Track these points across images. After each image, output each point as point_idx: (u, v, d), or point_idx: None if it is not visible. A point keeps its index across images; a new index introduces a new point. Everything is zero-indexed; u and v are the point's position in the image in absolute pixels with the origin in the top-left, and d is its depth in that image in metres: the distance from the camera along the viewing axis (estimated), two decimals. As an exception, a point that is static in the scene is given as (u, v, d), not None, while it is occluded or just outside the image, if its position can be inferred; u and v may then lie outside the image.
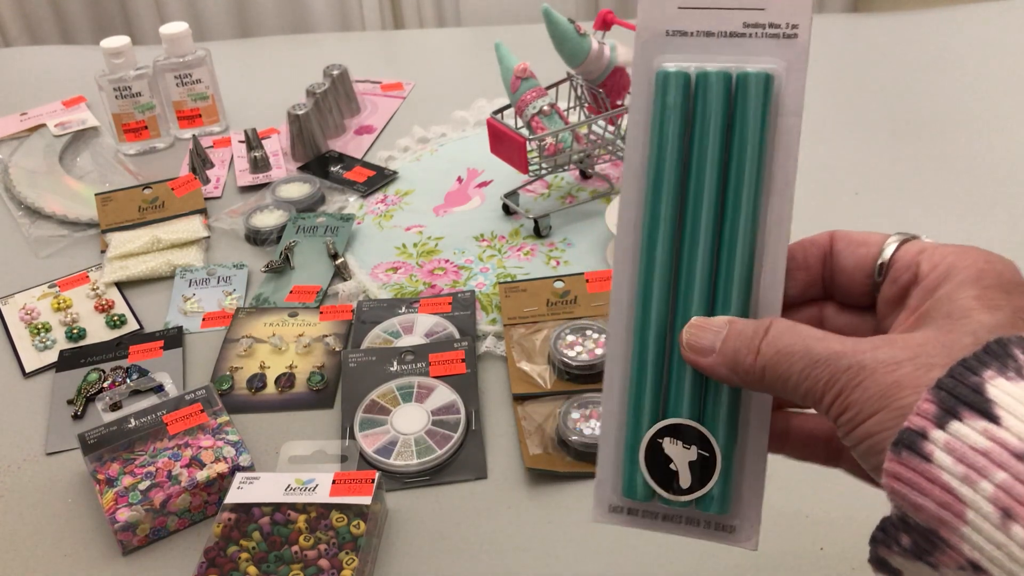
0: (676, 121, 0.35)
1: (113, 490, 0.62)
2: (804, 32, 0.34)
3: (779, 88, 0.35)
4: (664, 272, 0.36)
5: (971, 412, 0.27)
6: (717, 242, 0.36)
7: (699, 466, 0.35)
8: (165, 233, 0.93)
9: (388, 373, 0.72)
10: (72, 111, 1.22)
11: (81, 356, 0.79)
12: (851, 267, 0.36)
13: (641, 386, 0.36)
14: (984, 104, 1.07)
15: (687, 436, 0.35)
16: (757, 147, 0.35)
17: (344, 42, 1.50)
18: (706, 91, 0.35)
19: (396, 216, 0.96)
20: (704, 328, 0.35)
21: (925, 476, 0.27)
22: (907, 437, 0.27)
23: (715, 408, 0.36)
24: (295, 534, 0.57)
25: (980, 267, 0.32)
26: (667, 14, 0.35)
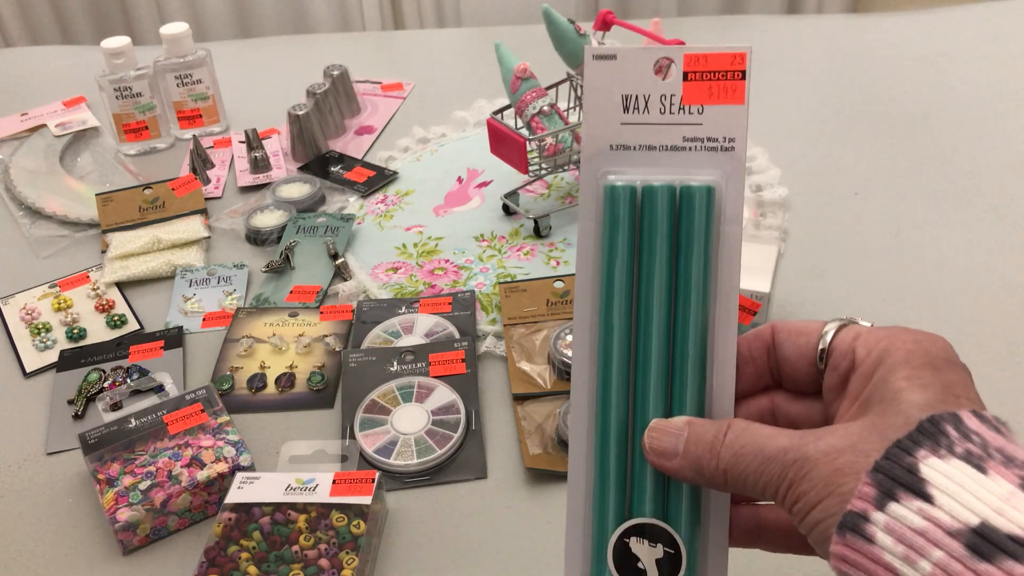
0: (625, 232, 0.37)
1: (113, 490, 0.62)
2: (740, 144, 0.36)
3: (720, 198, 0.37)
4: (621, 376, 0.37)
5: (907, 493, 0.28)
6: (671, 345, 0.37)
7: (666, 563, 0.36)
8: (165, 233, 0.93)
9: (388, 373, 0.72)
10: (73, 111, 1.22)
11: (81, 356, 0.79)
12: (794, 357, 0.37)
13: (605, 487, 0.37)
14: (984, 104, 1.07)
15: (653, 534, 0.36)
16: (703, 254, 0.37)
17: (344, 42, 1.50)
18: (652, 203, 0.37)
19: (396, 216, 0.96)
20: (664, 432, 0.36)
21: (869, 557, 0.28)
22: (850, 520, 0.29)
23: (677, 505, 0.37)
24: (295, 534, 0.57)
25: (909, 348, 0.33)
26: (610, 130, 0.37)
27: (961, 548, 0.27)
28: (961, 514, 0.27)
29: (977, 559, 0.26)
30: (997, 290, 0.78)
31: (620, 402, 0.37)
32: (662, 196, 0.37)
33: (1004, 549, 0.26)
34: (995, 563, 0.26)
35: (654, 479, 0.37)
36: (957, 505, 0.27)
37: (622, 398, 0.37)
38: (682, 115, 0.37)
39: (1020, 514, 0.27)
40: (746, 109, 0.36)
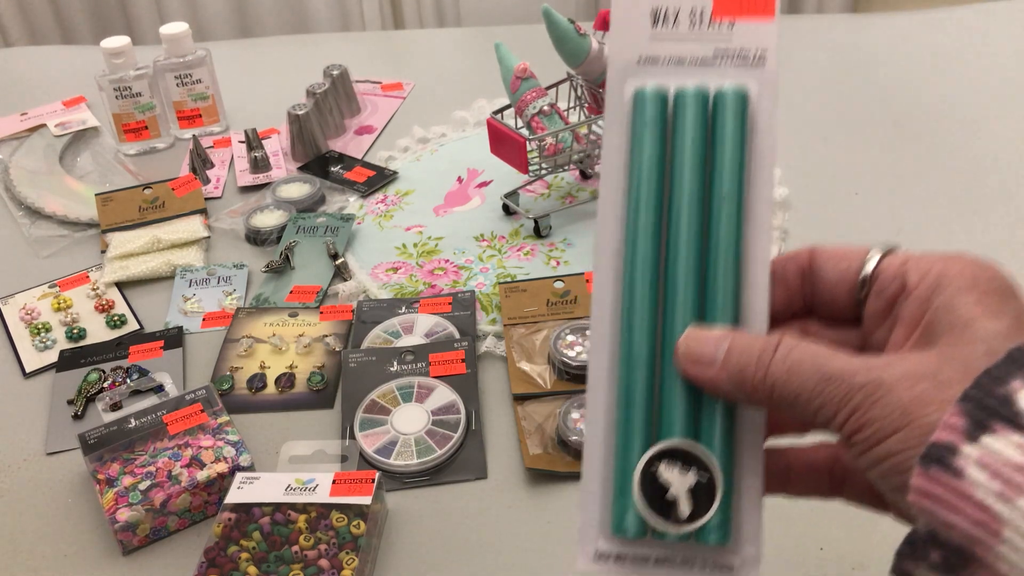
0: (655, 136, 0.36)
1: (113, 490, 0.62)
2: (772, 59, 0.36)
3: (752, 110, 0.36)
4: (649, 289, 0.35)
5: (1003, 424, 0.26)
6: (702, 257, 0.35)
7: (700, 492, 0.33)
8: (165, 233, 0.93)
9: (388, 373, 0.72)
10: (72, 111, 1.22)
11: (81, 356, 0.79)
12: (833, 282, 0.35)
13: (630, 409, 0.34)
14: (983, 104, 1.07)
15: (685, 460, 0.33)
16: (737, 161, 0.35)
17: (344, 42, 1.50)
18: (684, 107, 0.36)
19: (396, 216, 0.96)
20: (703, 338, 0.33)
21: (957, 493, 0.26)
22: (935, 452, 0.27)
23: (711, 428, 0.34)
24: (295, 534, 0.57)
25: (973, 273, 0.31)
26: (638, 43, 0.36)
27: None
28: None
29: None
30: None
31: (647, 317, 0.35)
32: (695, 99, 0.35)
33: None
34: None
35: (686, 398, 0.34)
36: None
37: (649, 313, 0.35)
38: (712, 29, 0.36)
39: None
40: (777, 24, 0.35)
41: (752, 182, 0.36)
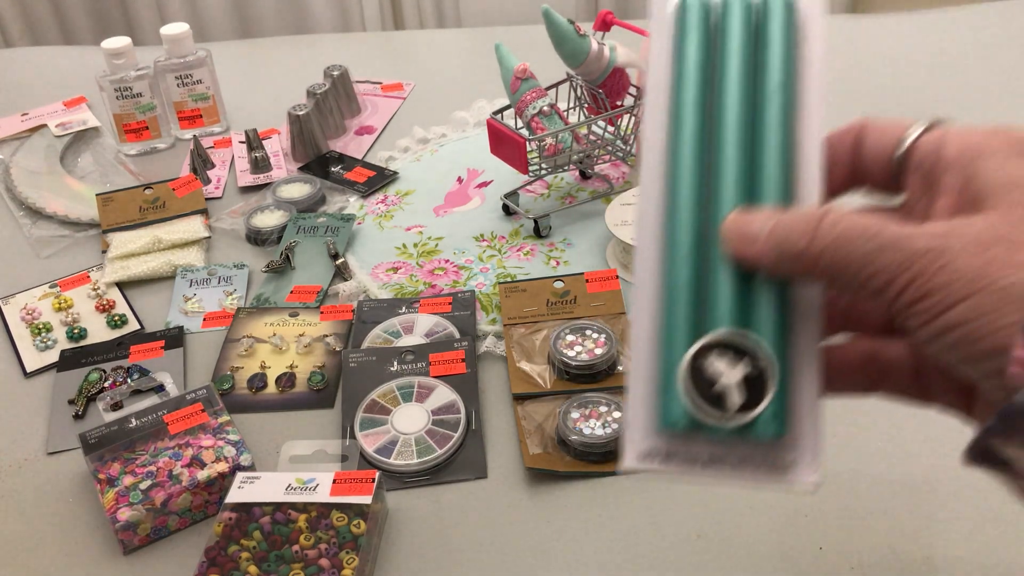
0: (701, 40, 0.35)
1: (114, 490, 0.62)
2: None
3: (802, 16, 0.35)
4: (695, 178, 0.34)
5: None
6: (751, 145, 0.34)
7: (751, 385, 0.31)
8: (166, 233, 0.93)
9: (388, 373, 0.72)
10: (73, 111, 1.22)
11: (82, 356, 0.79)
12: (875, 155, 0.34)
13: (676, 298, 0.33)
14: (984, 104, 1.07)
15: (734, 350, 0.31)
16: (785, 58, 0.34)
17: (344, 42, 1.51)
18: (728, 12, 0.35)
19: (396, 216, 0.96)
20: (748, 216, 0.32)
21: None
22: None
23: (761, 317, 0.32)
24: (296, 533, 0.57)
25: (1013, 138, 0.29)
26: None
27: None
28: None
29: None
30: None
31: (693, 208, 0.33)
32: (737, 5, 0.35)
33: None
34: None
35: (735, 287, 0.32)
36: None
37: (696, 204, 0.33)
38: None
39: None
40: None
41: (803, 80, 0.35)
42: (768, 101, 0.34)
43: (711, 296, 0.33)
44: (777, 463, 0.32)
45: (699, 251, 0.33)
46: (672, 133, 0.35)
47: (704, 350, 0.31)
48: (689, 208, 0.34)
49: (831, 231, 0.29)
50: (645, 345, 0.33)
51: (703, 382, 0.31)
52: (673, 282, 0.33)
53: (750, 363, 0.31)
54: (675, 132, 0.35)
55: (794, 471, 0.32)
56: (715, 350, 0.31)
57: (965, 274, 0.26)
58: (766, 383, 0.31)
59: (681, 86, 0.35)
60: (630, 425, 0.33)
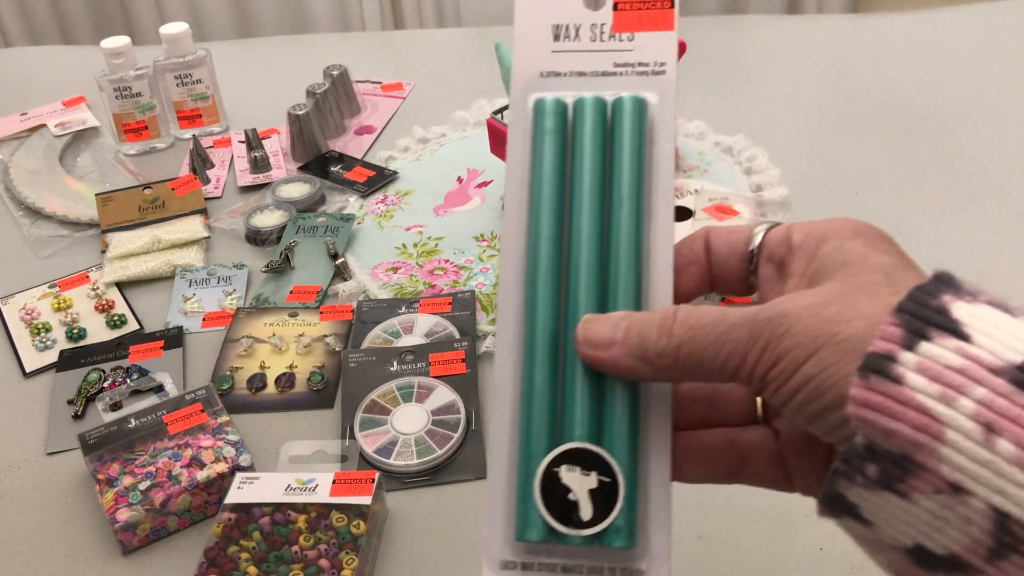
0: (555, 144, 0.36)
1: (113, 490, 0.62)
2: (671, 69, 0.36)
3: (652, 117, 0.36)
4: (550, 288, 0.35)
5: (940, 332, 0.26)
6: (603, 251, 0.35)
7: (600, 494, 0.32)
8: (165, 233, 0.93)
9: (388, 373, 0.72)
10: (72, 111, 1.22)
11: (81, 356, 0.79)
12: (725, 255, 0.36)
13: (532, 411, 0.34)
14: (983, 104, 1.07)
15: (586, 461, 0.32)
16: (636, 163, 0.36)
17: (344, 42, 1.50)
18: (583, 112, 0.36)
19: (396, 216, 0.96)
20: (600, 321, 0.33)
21: (897, 399, 0.26)
22: (874, 362, 0.26)
23: (611, 427, 0.33)
24: (295, 534, 0.57)
25: (856, 227, 0.32)
26: (541, 58, 0.37)
27: (1006, 384, 0.25)
28: (1002, 352, 0.25)
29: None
30: (998, 290, 0.78)
31: (549, 315, 0.34)
32: (593, 106, 0.36)
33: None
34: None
35: (587, 398, 0.33)
36: (997, 344, 0.26)
37: (551, 311, 0.34)
38: (613, 42, 0.37)
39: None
40: (675, 35, 0.36)
41: (653, 182, 0.36)
42: (619, 206, 0.35)
43: (566, 404, 0.34)
44: (630, 568, 0.33)
45: (555, 358, 0.34)
46: (530, 237, 0.35)
47: (557, 461, 0.32)
48: (545, 314, 0.34)
49: (684, 324, 0.31)
50: (504, 456, 0.34)
51: (557, 492, 0.32)
52: (530, 390, 0.34)
53: (601, 474, 0.32)
54: (532, 236, 0.35)
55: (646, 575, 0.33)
56: (567, 461, 0.32)
57: (807, 334, 0.28)
58: (616, 494, 0.32)
59: (537, 190, 0.36)
60: (489, 535, 0.34)
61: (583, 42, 0.37)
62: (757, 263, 0.35)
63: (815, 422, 0.29)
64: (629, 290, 0.34)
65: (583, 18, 0.37)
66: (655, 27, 0.36)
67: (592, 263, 0.35)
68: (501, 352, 0.35)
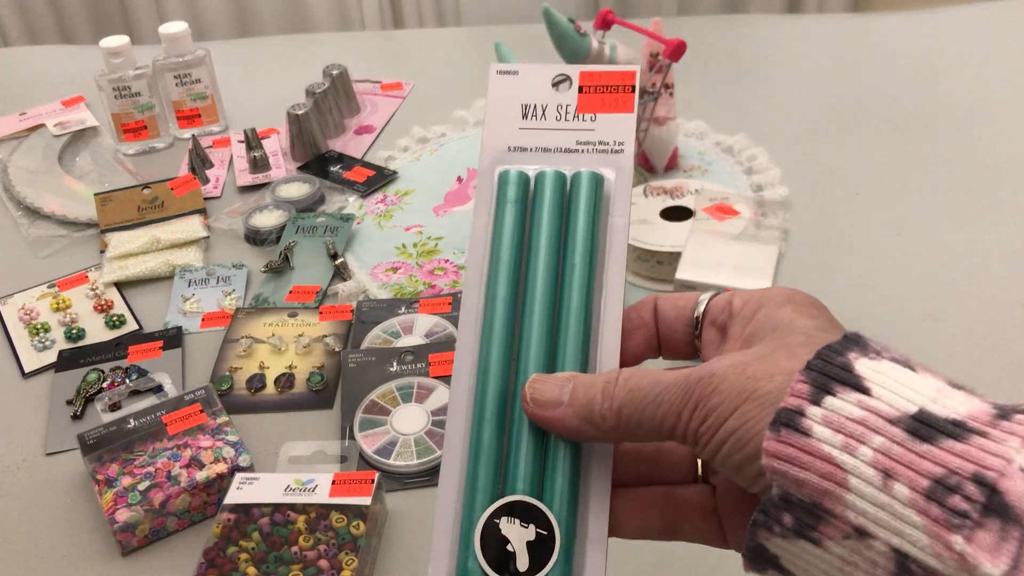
0: (515, 212, 0.38)
1: (112, 490, 0.62)
2: (629, 148, 0.39)
3: (609, 191, 0.39)
4: (502, 349, 0.37)
5: (844, 387, 0.28)
6: (555, 317, 0.37)
7: (538, 546, 0.34)
8: (164, 233, 0.93)
9: (388, 373, 0.72)
10: (71, 111, 1.22)
11: (80, 356, 0.79)
12: (672, 319, 0.38)
13: (478, 464, 0.35)
14: (984, 104, 1.07)
15: (525, 514, 0.34)
16: (589, 233, 0.38)
17: (344, 42, 1.50)
18: (543, 184, 0.39)
19: (396, 216, 0.95)
20: (547, 382, 0.35)
21: (805, 450, 0.28)
22: (784, 416, 0.28)
23: (552, 483, 0.35)
24: (295, 534, 0.57)
25: (789, 294, 0.34)
26: (509, 134, 0.39)
27: (902, 433, 0.27)
28: (899, 403, 0.28)
29: (918, 441, 0.27)
30: (998, 290, 0.78)
31: (500, 373, 0.36)
32: (553, 179, 0.38)
33: (943, 431, 0.27)
34: (936, 444, 0.26)
35: (531, 454, 0.35)
36: (894, 396, 0.28)
37: (503, 369, 0.36)
38: (576, 122, 0.39)
39: (954, 402, 0.28)
40: (634, 118, 0.39)
41: (606, 252, 0.38)
42: (571, 271, 0.37)
43: (511, 458, 0.35)
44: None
45: (503, 414, 0.36)
46: (487, 297, 0.38)
47: (498, 513, 0.34)
48: (496, 371, 0.36)
49: (624, 387, 0.33)
50: (450, 507, 0.36)
51: (496, 543, 0.34)
52: (478, 442, 0.36)
53: (539, 527, 0.34)
54: (489, 297, 0.38)
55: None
56: (507, 514, 0.34)
57: (732, 390, 0.30)
58: (553, 547, 0.34)
59: (497, 253, 0.38)
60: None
61: (549, 120, 0.39)
62: (701, 328, 0.37)
63: (740, 473, 0.30)
64: (577, 352, 0.36)
65: (550, 99, 0.40)
66: (616, 109, 0.39)
67: (543, 325, 0.37)
68: (454, 404, 0.37)
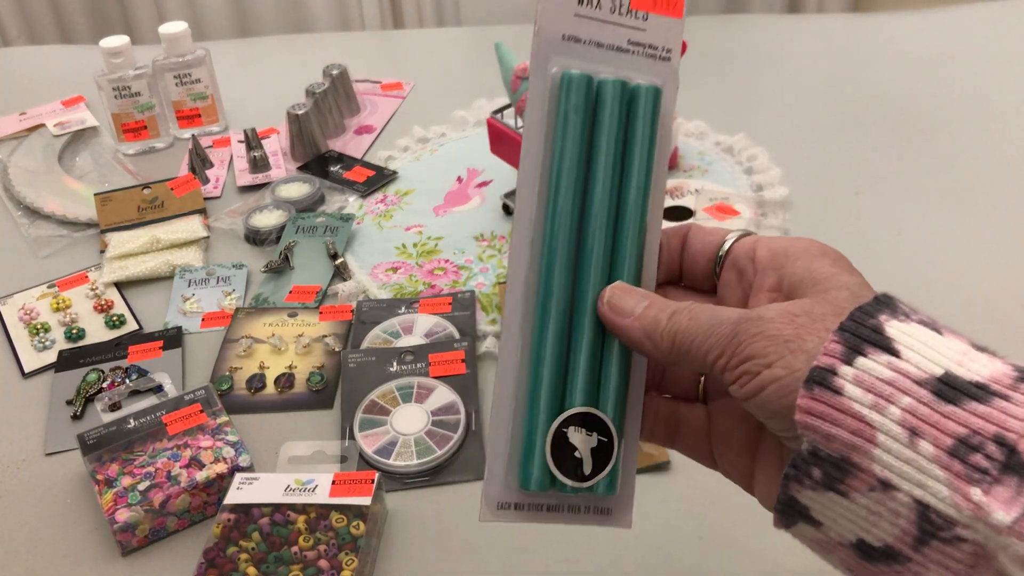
0: (579, 121, 0.38)
1: (112, 490, 0.62)
2: (675, 57, 0.40)
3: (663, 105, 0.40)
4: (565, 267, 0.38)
5: (874, 348, 0.30)
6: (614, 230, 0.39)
7: (600, 452, 0.38)
8: (164, 233, 0.93)
9: (388, 373, 0.72)
10: (71, 111, 1.22)
11: (80, 356, 0.79)
12: (696, 253, 0.40)
13: (539, 376, 0.38)
14: (984, 104, 1.07)
15: (589, 423, 0.37)
16: (647, 148, 0.39)
17: (344, 42, 1.50)
18: (604, 95, 0.39)
19: (396, 216, 0.95)
20: (628, 292, 0.37)
21: (837, 408, 0.30)
22: (818, 374, 0.30)
23: (608, 393, 0.38)
24: (295, 535, 0.57)
25: (819, 246, 0.36)
26: (565, 20, 0.39)
27: (928, 394, 0.29)
28: (926, 366, 0.29)
29: (943, 402, 0.28)
30: (998, 290, 0.78)
31: (563, 293, 0.38)
32: (614, 90, 0.39)
33: (967, 393, 0.28)
34: (960, 405, 0.28)
35: (588, 366, 0.38)
36: (922, 358, 0.29)
37: (565, 289, 0.38)
38: (629, 18, 0.39)
39: (978, 365, 0.29)
40: (682, 23, 0.40)
41: (656, 169, 0.40)
42: (630, 190, 0.39)
43: (571, 371, 0.38)
44: (600, 507, 0.39)
45: (565, 324, 0.38)
46: (548, 207, 0.38)
47: (565, 422, 0.37)
48: (560, 291, 0.38)
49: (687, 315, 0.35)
50: (506, 414, 0.38)
51: (564, 447, 0.37)
52: (539, 351, 0.38)
53: (600, 435, 0.38)
54: (551, 207, 0.38)
55: (615, 514, 0.39)
56: (574, 423, 0.37)
57: (777, 340, 0.32)
58: (611, 451, 0.38)
59: (558, 162, 0.38)
60: (489, 482, 0.38)
61: (604, 11, 0.39)
62: (722, 267, 0.39)
63: (775, 418, 0.32)
64: (632, 267, 0.39)
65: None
66: (667, 11, 0.39)
67: (603, 240, 0.38)
68: (509, 316, 0.38)
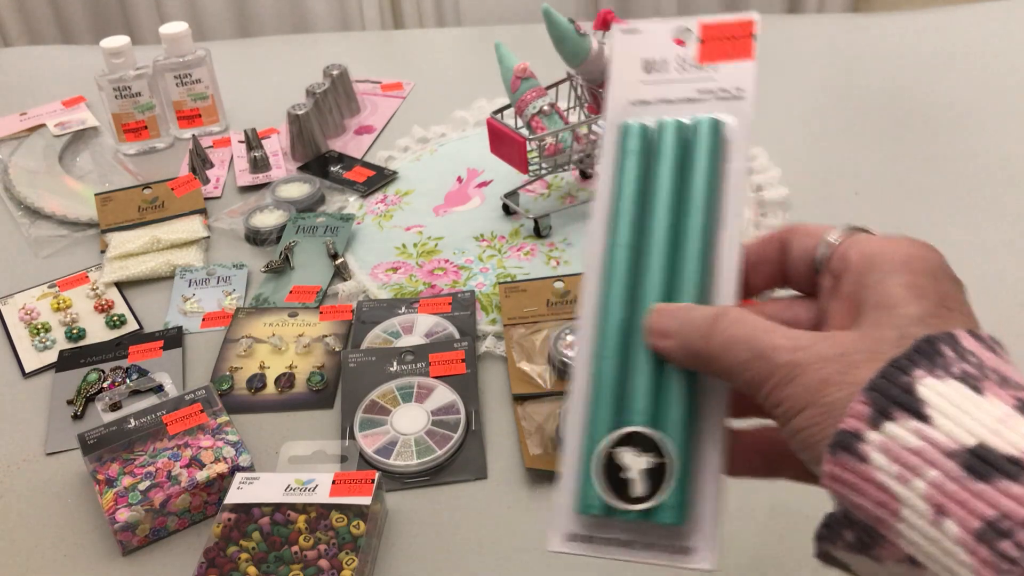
0: (636, 159, 0.40)
1: (113, 490, 0.62)
2: (750, 94, 0.40)
3: (728, 137, 0.40)
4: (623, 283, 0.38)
5: (903, 412, 0.28)
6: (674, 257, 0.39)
7: (653, 474, 0.35)
8: (165, 233, 0.93)
9: (388, 373, 0.72)
10: (72, 111, 1.22)
11: (81, 356, 0.79)
12: (797, 257, 0.38)
13: (599, 395, 0.37)
14: (984, 104, 1.07)
15: (641, 443, 0.36)
16: (707, 175, 0.39)
17: (344, 42, 1.50)
18: (663, 133, 0.40)
19: (396, 216, 0.95)
20: (666, 312, 0.36)
21: (861, 476, 0.28)
22: (843, 439, 0.29)
23: (671, 406, 0.36)
24: (295, 534, 0.57)
25: (908, 253, 0.33)
26: (631, 88, 0.41)
27: (957, 468, 0.26)
28: (958, 435, 0.27)
29: (973, 479, 0.26)
30: (999, 290, 0.78)
31: (620, 312, 0.38)
32: (672, 126, 0.40)
33: (1000, 469, 0.26)
34: (991, 483, 0.26)
35: (648, 385, 0.36)
36: (954, 426, 0.27)
37: (622, 309, 0.38)
38: (697, 72, 0.40)
39: (1016, 436, 0.26)
40: (754, 64, 0.40)
41: (724, 194, 0.39)
42: (691, 213, 0.39)
43: (631, 389, 0.37)
44: (678, 547, 0.36)
45: (624, 347, 0.37)
46: (610, 244, 0.39)
47: (616, 442, 0.36)
48: (618, 307, 0.38)
49: (720, 337, 0.33)
50: (576, 438, 0.37)
51: (615, 471, 0.36)
52: (599, 375, 0.37)
53: (655, 455, 0.35)
54: (611, 242, 0.39)
55: (693, 555, 0.35)
56: (625, 443, 0.36)
57: (804, 389, 0.30)
58: (666, 475, 0.35)
59: (619, 201, 0.40)
60: (556, 510, 0.37)
61: (670, 73, 0.41)
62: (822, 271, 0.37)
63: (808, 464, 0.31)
64: (692, 288, 0.38)
65: (670, 52, 0.41)
66: (736, 57, 0.40)
67: (663, 265, 0.38)
68: (581, 346, 0.39)
